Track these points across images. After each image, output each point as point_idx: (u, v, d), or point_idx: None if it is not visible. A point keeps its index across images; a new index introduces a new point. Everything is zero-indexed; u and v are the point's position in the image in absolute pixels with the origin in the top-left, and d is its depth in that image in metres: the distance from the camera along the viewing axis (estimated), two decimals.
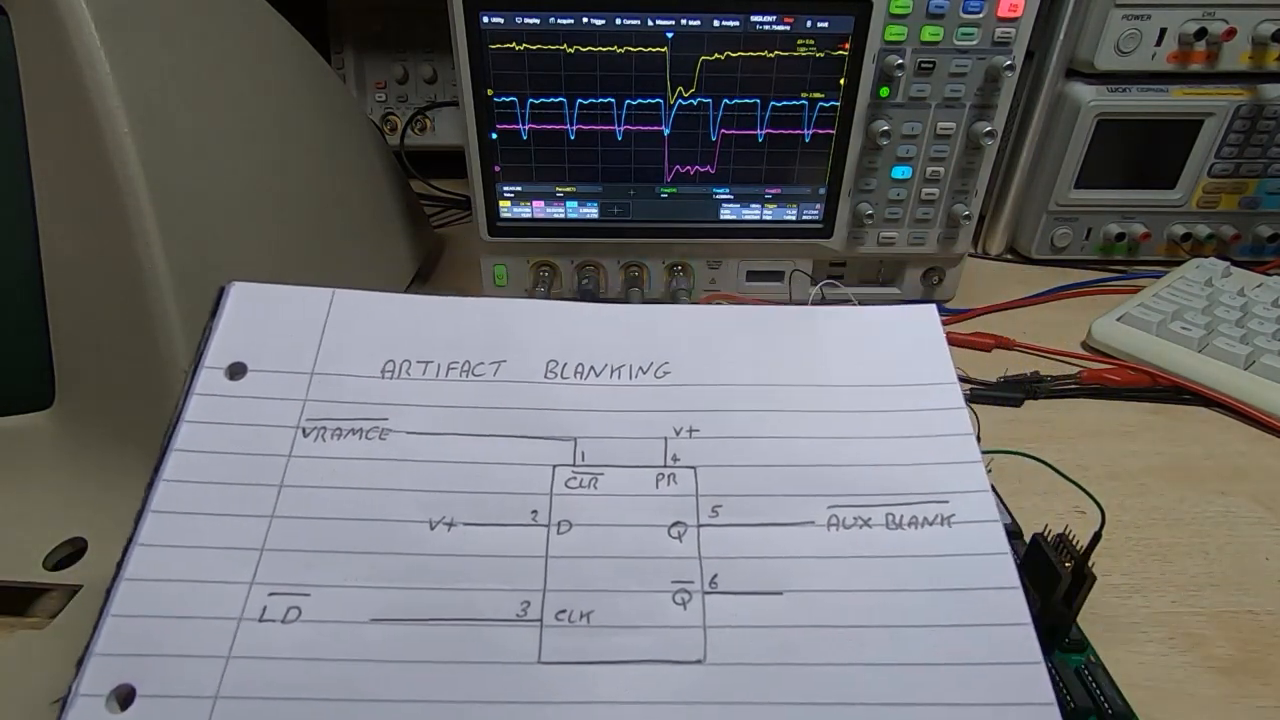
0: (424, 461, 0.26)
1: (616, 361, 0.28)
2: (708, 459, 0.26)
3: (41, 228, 0.31)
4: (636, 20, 0.47)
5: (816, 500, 0.25)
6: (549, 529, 0.25)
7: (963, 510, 0.25)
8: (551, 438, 0.27)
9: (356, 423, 0.26)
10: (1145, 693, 0.29)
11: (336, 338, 0.28)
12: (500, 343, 0.28)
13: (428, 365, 0.28)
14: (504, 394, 0.27)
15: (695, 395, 0.28)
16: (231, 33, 0.39)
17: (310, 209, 0.44)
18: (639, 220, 0.54)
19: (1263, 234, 0.61)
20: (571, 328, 0.29)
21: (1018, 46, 0.50)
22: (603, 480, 0.26)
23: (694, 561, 0.24)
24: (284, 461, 0.25)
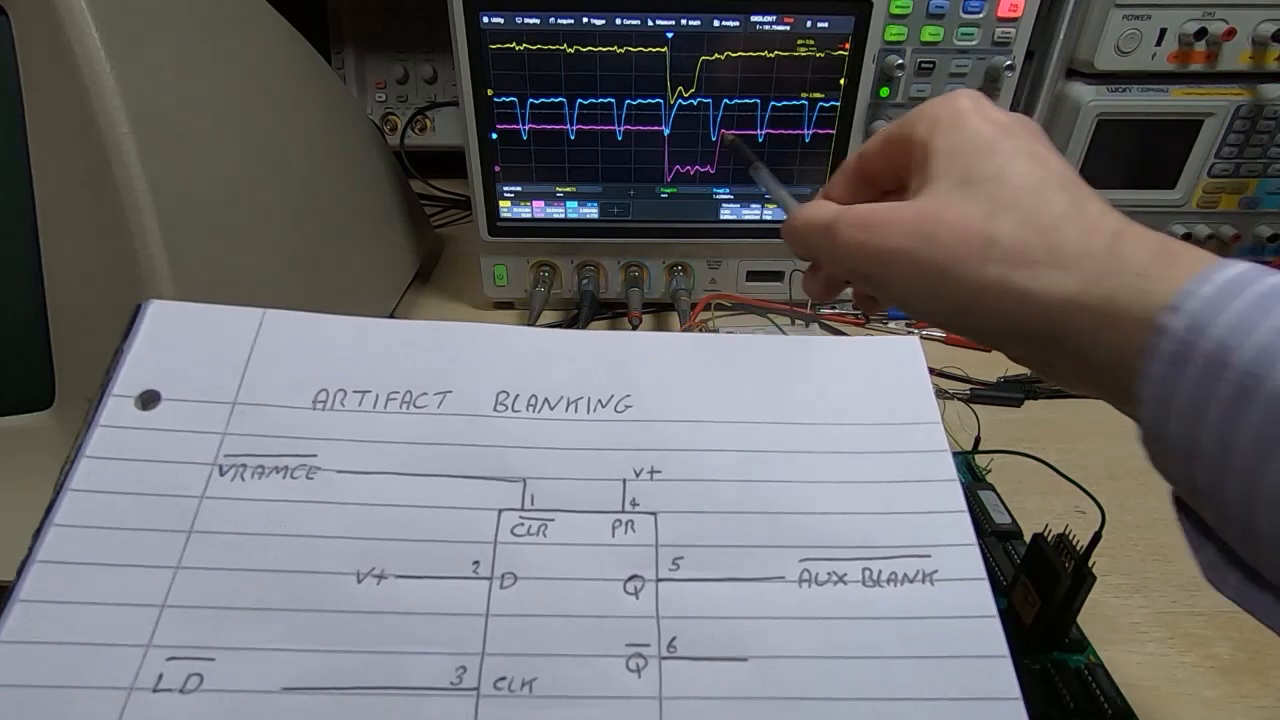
0: (354, 504, 0.23)
1: (574, 393, 0.26)
2: (669, 504, 0.24)
3: (42, 228, 0.31)
4: (636, 20, 0.47)
5: (788, 552, 0.23)
6: (491, 582, 0.22)
7: (946, 566, 0.23)
8: (498, 478, 0.24)
9: (281, 460, 0.24)
10: (1145, 693, 0.29)
11: (264, 363, 0.25)
12: (447, 371, 0.26)
13: (365, 395, 0.25)
14: (448, 429, 0.25)
15: (658, 432, 0.25)
16: (231, 33, 0.39)
17: (310, 209, 0.44)
18: (639, 220, 0.54)
19: (1263, 234, 0.61)
20: (526, 355, 0.26)
21: (1018, 46, 0.50)
22: (553, 527, 0.23)
23: (651, 621, 0.22)
24: (195, 504, 0.23)
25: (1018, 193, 0.23)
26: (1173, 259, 0.20)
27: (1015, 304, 0.22)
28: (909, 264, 0.24)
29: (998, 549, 0.35)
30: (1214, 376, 0.18)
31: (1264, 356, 0.17)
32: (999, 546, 0.35)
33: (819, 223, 0.27)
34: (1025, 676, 0.29)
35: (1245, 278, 0.18)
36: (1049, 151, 0.25)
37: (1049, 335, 0.22)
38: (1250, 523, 0.18)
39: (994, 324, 0.23)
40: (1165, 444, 0.20)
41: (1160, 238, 0.22)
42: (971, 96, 0.26)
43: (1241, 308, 0.18)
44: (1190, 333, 0.18)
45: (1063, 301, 0.21)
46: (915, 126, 0.26)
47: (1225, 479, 0.18)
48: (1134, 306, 0.20)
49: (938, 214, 0.24)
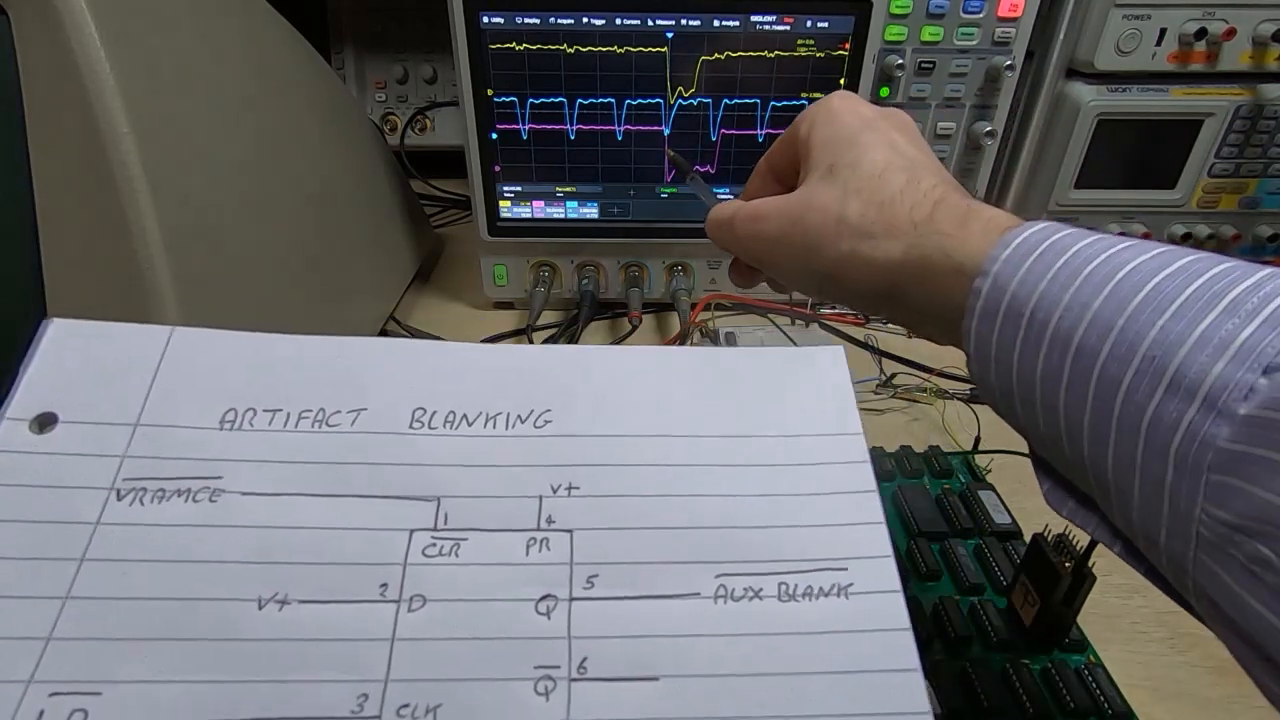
0: (259, 528, 0.22)
1: (493, 409, 0.25)
2: (585, 521, 0.24)
3: (42, 228, 0.31)
4: (636, 20, 0.47)
5: (704, 568, 0.23)
6: (399, 605, 0.22)
7: (862, 579, 0.23)
8: (411, 498, 0.23)
9: (183, 483, 0.23)
10: (1145, 693, 0.29)
11: (170, 383, 0.24)
12: (362, 387, 0.25)
13: (275, 414, 0.24)
14: (361, 447, 0.24)
15: (577, 447, 0.25)
16: (231, 33, 0.39)
17: (310, 209, 0.44)
18: (639, 220, 0.54)
19: (1263, 234, 0.61)
20: (445, 370, 0.26)
21: (1018, 46, 0.50)
22: (466, 547, 0.23)
23: (562, 642, 0.22)
24: (89, 530, 0.22)
25: (867, 177, 0.26)
26: (969, 219, 0.24)
27: (862, 270, 0.26)
28: (785, 246, 0.29)
29: (998, 549, 0.35)
30: (1014, 327, 0.21)
31: (1045, 304, 0.20)
32: (999, 546, 0.35)
33: (722, 219, 0.32)
34: (1025, 676, 0.29)
35: (1035, 238, 0.21)
36: (908, 139, 0.28)
37: (890, 293, 0.26)
38: (1061, 451, 0.21)
39: (852, 288, 0.27)
40: (993, 392, 0.23)
41: (968, 204, 0.25)
42: (843, 96, 0.30)
43: (1030, 264, 0.21)
44: (994, 292, 0.21)
45: (894, 264, 0.25)
46: (799, 127, 0.30)
47: (1035, 415, 0.21)
48: (942, 263, 0.23)
49: (807, 202, 0.28)
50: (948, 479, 0.40)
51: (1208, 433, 0.16)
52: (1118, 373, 0.18)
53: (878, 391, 0.48)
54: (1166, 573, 0.19)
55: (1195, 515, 0.17)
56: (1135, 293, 0.18)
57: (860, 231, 0.26)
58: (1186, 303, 0.17)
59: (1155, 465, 0.18)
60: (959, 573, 0.34)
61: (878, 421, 0.47)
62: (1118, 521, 0.20)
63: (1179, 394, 0.17)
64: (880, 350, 0.48)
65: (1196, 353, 0.17)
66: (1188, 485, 0.17)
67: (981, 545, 0.35)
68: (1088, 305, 0.19)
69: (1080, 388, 0.19)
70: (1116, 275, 0.19)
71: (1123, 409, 0.18)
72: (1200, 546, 0.17)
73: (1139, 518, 0.19)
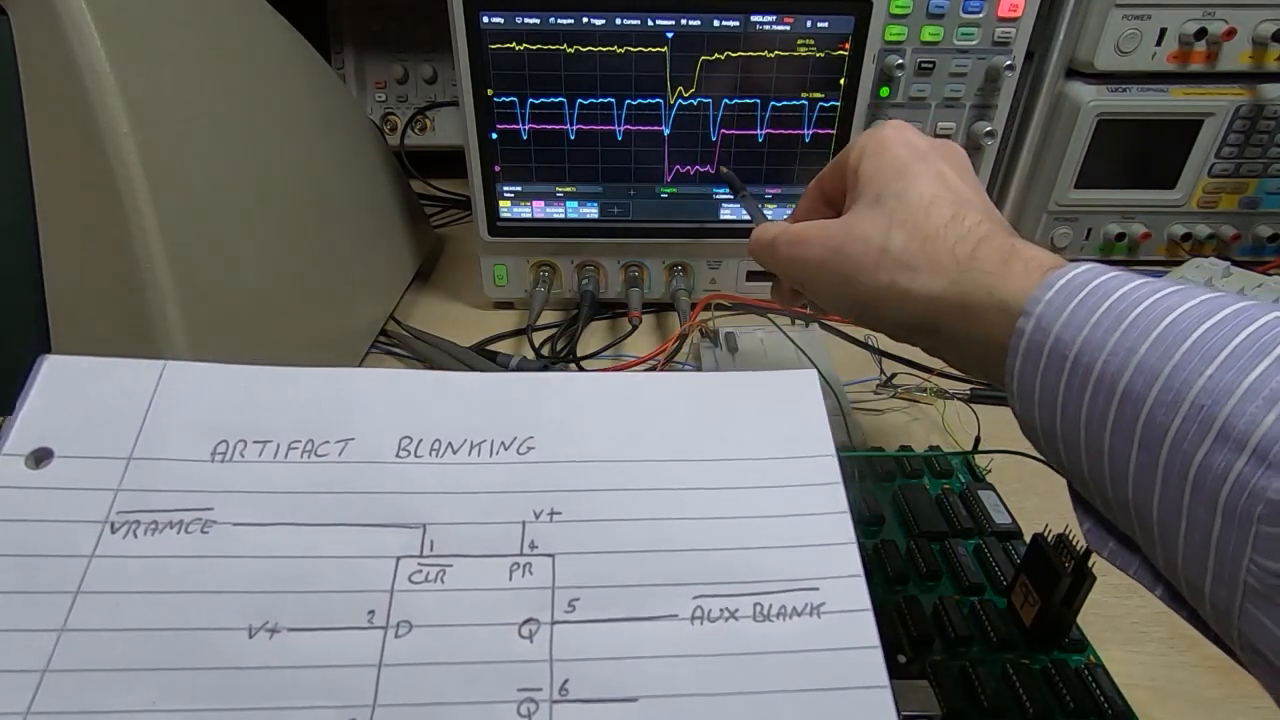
0: (249, 557, 0.23)
1: (478, 436, 0.26)
2: (568, 545, 0.24)
3: (42, 228, 0.31)
4: (636, 20, 0.47)
5: (682, 590, 0.23)
6: (386, 631, 0.22)
7: (833, 598, 0.23)
8: (398, 525, 0.24)
9: (175, 515, 0.23)
10: (1145, 693, 0.29)
11: (163, 417, 0.25)
12: (350, 418, 0.26)
13: (265, 446, 0.25)
14: (349, 476, 0.25)
15: (559, 473, 0.25)
16: (231, 33, 0.39)
17: (310, 209, 0.44)
18: (639, 220, 0.54)
19: (1263, 234, 0.61)
20: (430, 399, 0.26)
21: (1018, 46, 0.50)
22: (451, 573, 0.23)
23: (544, 665, 0.22)
24: (84, 563, 0.22)
25: (913, 210, 0.26)
26: (1012, 258, 0.24)
27: (901, 302, 0.26)
28: (826, 272, 0.29)
29: (998, 549, 0.35)
30: (1058, 370, 0.21)
31: (1090, 348, 0.20)
32: (999, 546, 0.35)
33: (765, 240, 0.32)
34: (1025, 676, 0.29)
35: (1079, 280, 0.21)
36: (957, 172, 0.28)
37: (931, 327, 0.26)
38: (1104, 493, 0.21)
39: (891, 318, 0.27)
40: (1035, 432, 0.23)
41: (1011, 243, 0.25)
42: (896, 126, 0.30)
43: (1074, 308, 0.21)
44: (1037, 333, 0.22)
45: (934, 299, 0.25)
46: (849, 154, 0.30)
47: (1079, 457, 0.21)
48: (984, 300, 0.24)
49: (850, 230, 0.28)
50: (948, 479, 0.40)
51: (1258, 484, 0.16)
52: (1165, 419, 0.18)
53: (878, 391, 0.48)
54: (1210, 620, 0.19)
55: (1244, 565, 0.17)
56: (1182, 340, 0.18)
57: (902, 264, 0.26)
58: (1235, 352, 0.18)
59: (1203, 514, 0.18)
60: (959, 573, 0.34)
61: (878, 421, 0.47)
62: (1161, 566, 0.20)
63: (1228, 444, 0.17)
64: (880, 350, 0.48)
65: (1246, 403, 0.17)
66: (1236, 535, 0.17)
67: (981, 545, 0.35)
68: (1134, 351, 0.19)
69: (1126, 433, 0.19)
70: (1163, 322, 0.19)
71: (1169, 456, 0.18)
72: (1248, 596, 0.17)
73: (1184, 564, 0.19)
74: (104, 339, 0.32)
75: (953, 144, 0.30)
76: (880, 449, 0.42)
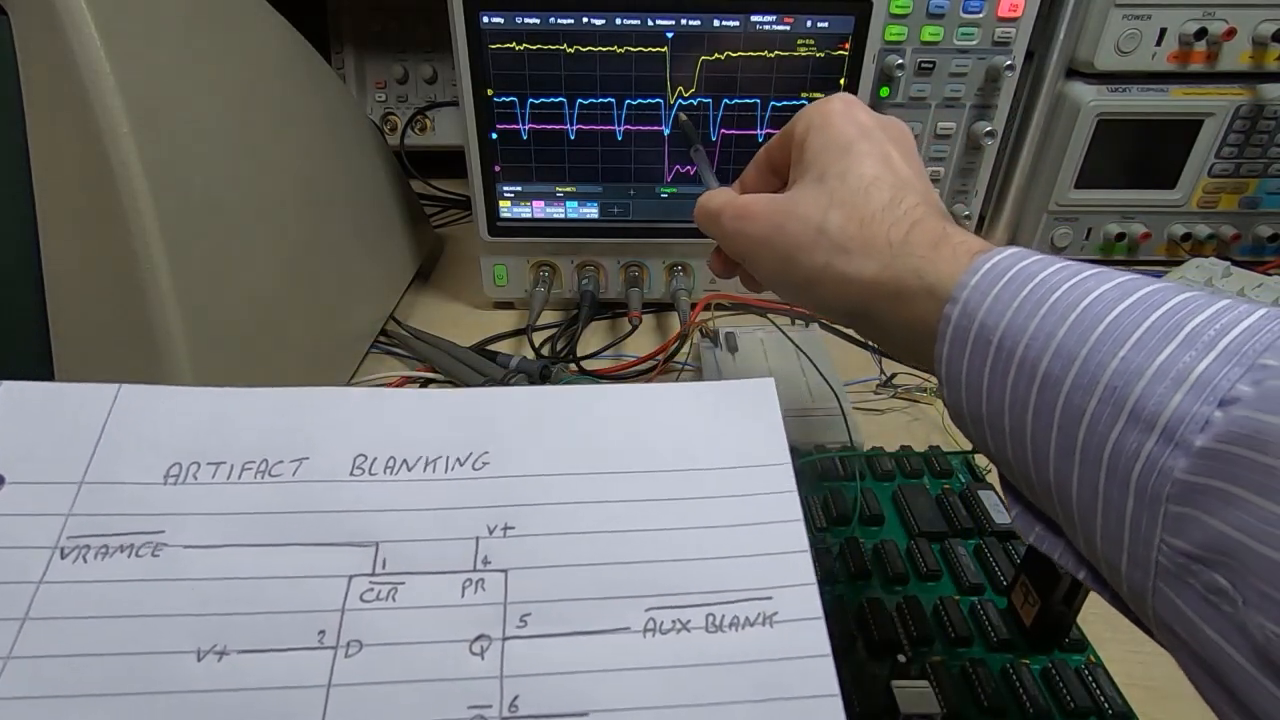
0: (200, 580, 0.23)
1: (433, 453, 0.26)
2: (521, 560, 0.24)
3: (42, 228, 0.31)
4: (636, 20, 0.47)
5: (634, 602, 0.23)
6: (336, 651, 0.22)
7: (786, 607, 0.23)
8: (351, 544, 0.24)
9: (126, 539, 0.23)
10: (1145, 693, 0.29)
11: (116, 440, 0.25)
12: (305, 437, 0.26)
13: (219, 467, 0.25)
14: (303, 496, 0.25)
15: (514, 488, 0.25)
16: (231, 33, 0.39)
17: (310, 209, 0.44)
18: (639, 220, 0.54)
19: (1263, 234, 0.61)
20: (385, 417, 0.27)
21: (1018, 46, 0.50)
22: (403, 591, 0.23)
23: (494, 682, 0.22)
24: (33, 590, 0.22)
25: (852, 191, 0.26)
26: (942, 243, 0.24)
27: (836, 285, 0.26)
28: (767, 249, 0.28)
29: (998, 549, 0.35)
30: (982, 355, 0.21)
31: (1011, 333, 0.20)
32: (999, 547, 0.35)
33: (712, 209, 0.32)
34: (1025, 676, 0.29)
35: (1003, 265, 0.21)
36: (901, 154, 0.28)
37: (863, 311, 0.26)
38: (1028, 477, 0.21)
39: (827, 301, 0.27)
40: (963, 417, 0.23)
41: (943, 227, 0.24)
42: (844, 100, 0.29)
43: (997, 292, 0.21)
44: (963, 319, 0.22)
45: (867, 283, 0.25)
46: (796, 126, 0.30)
47: (1004, 442, 0.21)
48: (913, 284, 0.23)
49: (791, 207, 0.28)
50: (948, 479, 0.40)
51: (1166, 464, 0.17)
52: (1081, 402, 0.18)
53: (878, 391, 0.48)
54: (1128, 600, 0.19)
55: (1155, 545, 0.17)
56: (1098, 323, 0.19)
57: (838, 246, 0.26)
58: (1146, 334, 0.18)
59: (1117, 495, 0.18)
60: (959, 573, 0.34)
61: (878, 421, 0.47)
62: (1082, 548, 0.20)
63: (1139, 425, 0.17)
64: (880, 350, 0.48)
65: (1155, 384, 0.17)
66: (1148, 515, 0.17)
67: (981, 545, 0.35)
68: (1052, 335, 0.19)
69: (1046, 416, 0.19)
70: (1080, 305, 0.19)
71: (1086, 438, 0.18)
72: (1160, 576, 0.17)
73: (1102, 546, 0.19)
74: (104, 339, 0.32)
75: (899, 123, 0.29)
76: (880, 449, 0.42)
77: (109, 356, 0.32)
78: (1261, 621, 0.15)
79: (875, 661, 0.30)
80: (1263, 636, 0.15)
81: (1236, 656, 0.16)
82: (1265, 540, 0.15)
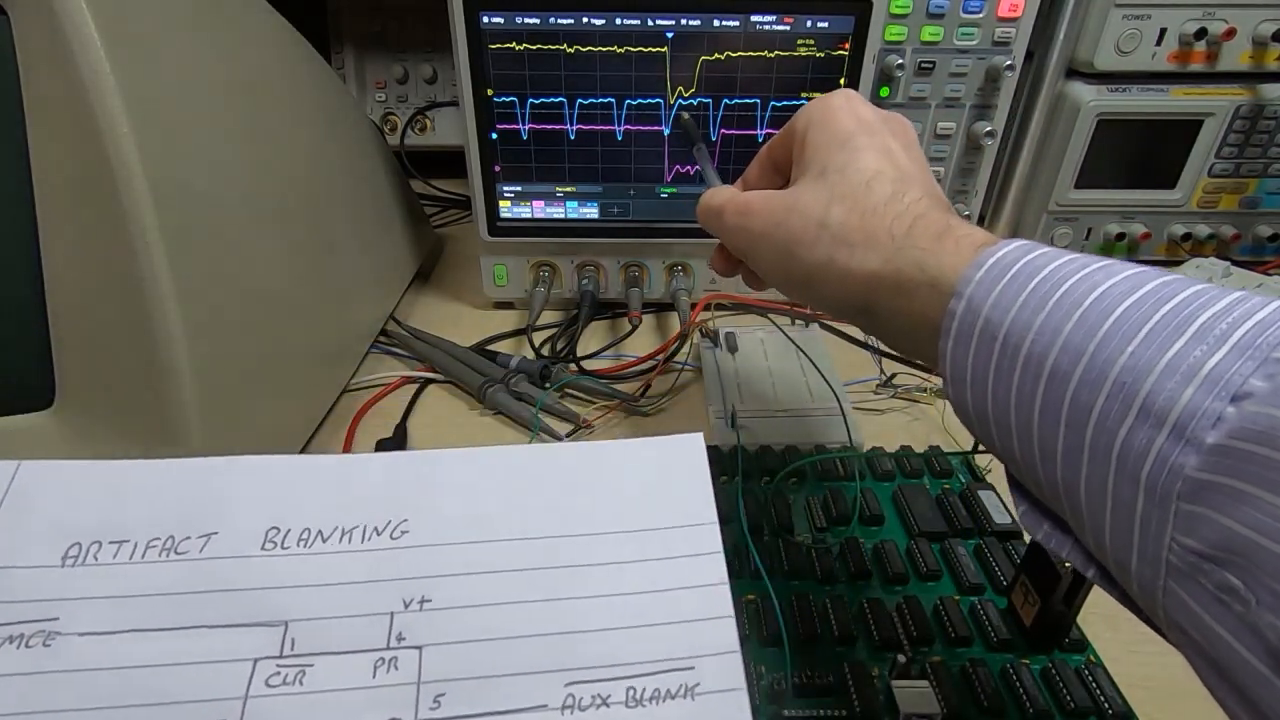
0: (95, 670, 0.21)
1: (350, 523, 0.25)
2: (437, 635, 0.23)
3: (42, 228, 0.31)
4: (636, 20, 0.47)
5: (553, 677, 0.22)
6: None
7: (708, 678, 0.22)
8: (258, 624, 0.23)
9: (16, 628, 0.22)
10: (1145, 693, 0.29)
11: (11, 522, 0.23)
12: (214, 510, 0.24)
13: (121, 546, 0.23)
14: (209, 574, 0.23)
15: (432, 558, 0.24)
16: (232, 33, 0.39)
17: (310, 209, 0.44)
18: (639, 220, 0.54)
19: (1263, 234, 0.61)
20: (301, 486, 0.25)
21: (1018, 46, 0.50)
22: (311, 674, 0.22)
23: None
24: None
25: (854, 185, 0.26)
26: (945, 236, 0.23)
27: (839, 279, 0.25)
28: (768, 244, 0.28)
29: (998, 549, 0.35)
30: (988, 350, 0.21)
31: (1018, 328, 0.20)
32: (999, 546, 0.35)
33: (714, 207, 0.32)
34: (1025, 676, 0.29)
35: (1009, 258, 0.21)
36: (903, 147, 0.27)
37: (866, 306, 0.25)
38: (1035, 475, 0.20)
39: (829, 296, 0.27)
40: (968, 413, 0.22)
41: (946, 220, 0.24)
42: (845, 95, 0.29)
43: (1003, 287, 0.21)
44: (968, 314, 0.21)
45: (870, 276, 0.24)
46: (797, 122, 0.30)
47: (1011, 439, 0.21)
48: (916, 277, 0.23)
49: (792, 203, 0.27)
50: (948, 479, 0.40)
51: (1176, 461, 0.16)
52: (1089, 399, 0.18)
53: (878, 391, 0.48)
54: (1138, 599, 0.19)
55: (1165, 543, 0.17)
56: (1105, 317, 0.18)
57: (840, 239, 0.25)
58: (1155, 328, 0.17)
59: (1127, 492, 0.17)
60: (959, 573, 0.34)
61: (878, 421, 0.47)
62: (1091, 547, 0.20)
63: (1149, 421, 0.17)
64: (880, 350, 0.48)
65: (1165, 380, 0.17)
66: (1158, 513, 0.17)
67: (981, 545, 0.35)
68: (1059, 330, 0.19)
69: (1053, 413, 0.19)
70: (1087, 299, 0.19)
71: (1094, 435, 0.18)
72: (1170, 574, 0.17)
73: (1111, 544, 0.18)
74: (104, 339, 0.32)
75: (901, 117, 0.29)
76: (880, 449, 0.42)
77: (109, 356, 0.32)
78: (1274, 621, 0.15)
79: (875, 661, 0.30)
80: (1275, 637, 0.15)
81: (1248, 656, 0.15)
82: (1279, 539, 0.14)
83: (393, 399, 0.48)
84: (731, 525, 0.36)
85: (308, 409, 0.43)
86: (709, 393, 0.47)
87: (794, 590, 0.33)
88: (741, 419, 0.44)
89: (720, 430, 0.44)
